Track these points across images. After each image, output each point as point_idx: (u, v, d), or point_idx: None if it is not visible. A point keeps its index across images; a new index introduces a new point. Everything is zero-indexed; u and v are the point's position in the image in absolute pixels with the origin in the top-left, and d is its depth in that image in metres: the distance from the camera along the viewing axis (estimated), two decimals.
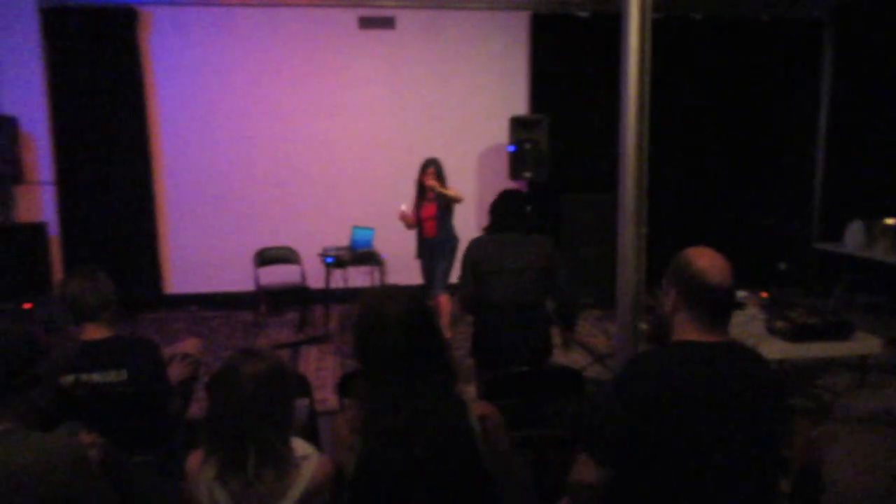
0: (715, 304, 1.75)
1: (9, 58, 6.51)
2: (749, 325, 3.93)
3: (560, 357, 4.00)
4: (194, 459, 1.83)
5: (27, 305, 5.78)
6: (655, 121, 3.12)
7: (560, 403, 2.97)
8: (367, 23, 7.13)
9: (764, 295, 4.28)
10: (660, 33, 3.40)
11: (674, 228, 7.31)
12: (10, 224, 6.44)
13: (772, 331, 3.85)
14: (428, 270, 5.68)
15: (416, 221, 5.63)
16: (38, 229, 6.38)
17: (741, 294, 4.11)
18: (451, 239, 5.57)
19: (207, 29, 6.93)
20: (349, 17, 7.11)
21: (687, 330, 1.78)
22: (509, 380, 3.01)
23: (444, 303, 5.52)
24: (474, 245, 3.58)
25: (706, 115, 7.56)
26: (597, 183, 6.89)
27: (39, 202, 6.72)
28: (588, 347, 5.52)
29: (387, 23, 7.17)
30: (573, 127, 7.26)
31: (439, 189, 5.46)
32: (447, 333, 6.01)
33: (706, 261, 1.77)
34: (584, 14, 7.28)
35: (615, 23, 3.18)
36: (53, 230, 6.63)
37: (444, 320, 5.62)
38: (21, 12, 6.48)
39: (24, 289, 5.83)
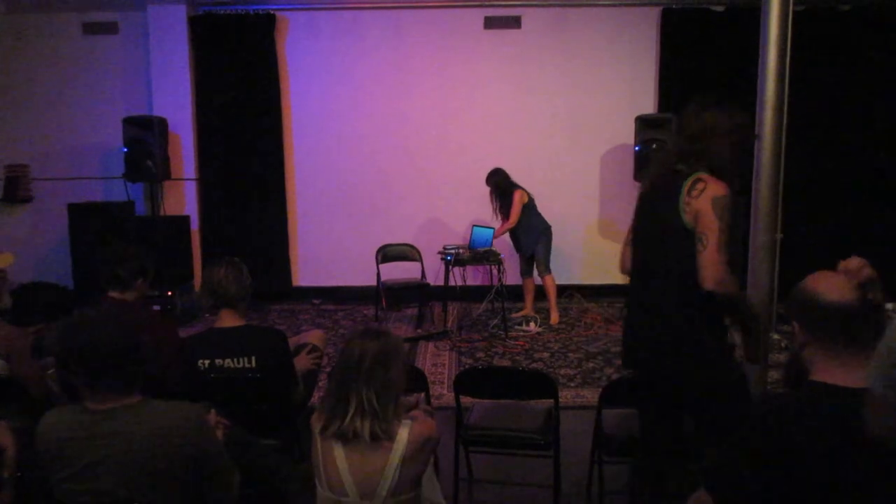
0: (839, 329, 1.58)
1: (162, 64, 7.04)
2: None
3: None
4: (315, 417, 2.06)
5: (169, 293, 6.25)
6: (794, 120, 2.95)
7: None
8: (492, 22, 7.16)
9: None
10: (801, 26, 3.21)
11: (812, 235, 6.87)
12: (160, 217, 6.97)
13: None
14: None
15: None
16: (182, 222, 6.88)
17: (890, 306, 3.78)
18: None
19: (338, 33, 7.19)
20: (475, 17, 7.16)
21: (821, 368, 1.63)
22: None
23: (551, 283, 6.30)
24: None
25: (851, 114, 6.97)
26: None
27: (184, 197, 7.22)
28: None
29: (513, 22, 7.16)
30: None
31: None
32: (555, 314, 6.24)
33: (820, 281, 1.64)
34: (719, 8, 6.95)
35: (753, 16, 3.04)
36: (194, 224, 7.12)
37: (552, 300, 6.33)
38: (173, 21, 6.99)
39: (169, 277, 6.28)
